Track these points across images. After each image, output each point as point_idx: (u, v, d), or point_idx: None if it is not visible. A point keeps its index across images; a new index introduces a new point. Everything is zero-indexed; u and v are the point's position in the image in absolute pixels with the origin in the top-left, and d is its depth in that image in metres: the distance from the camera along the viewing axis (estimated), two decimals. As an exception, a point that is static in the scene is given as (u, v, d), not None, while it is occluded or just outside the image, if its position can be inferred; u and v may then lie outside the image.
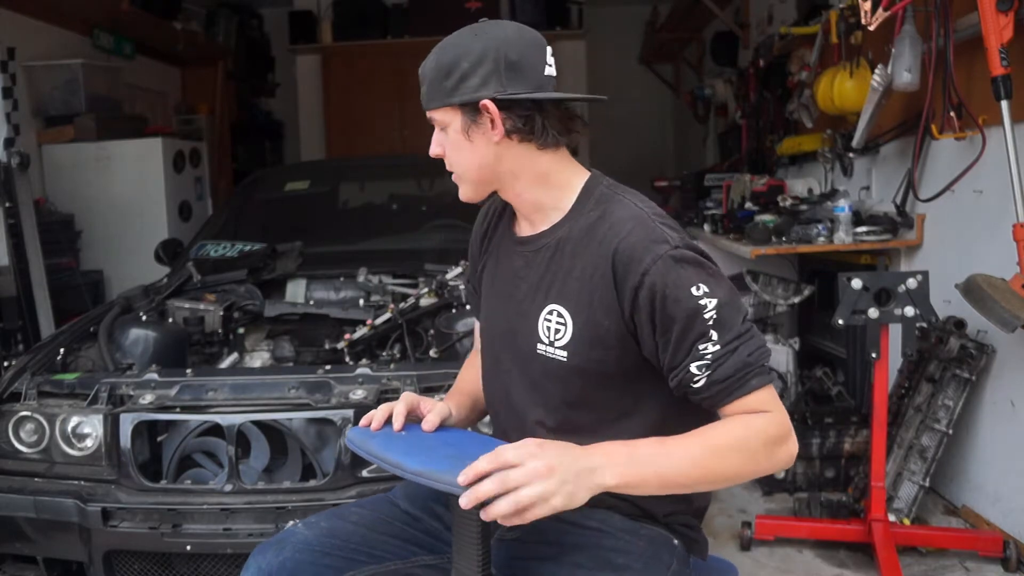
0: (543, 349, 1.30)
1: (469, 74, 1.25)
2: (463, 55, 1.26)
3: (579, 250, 1.27)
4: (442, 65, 1.28)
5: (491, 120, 1.27)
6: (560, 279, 1.29)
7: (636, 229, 1.22)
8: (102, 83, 4.81)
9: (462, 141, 1.30)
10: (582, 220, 1.29)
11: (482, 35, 1.27)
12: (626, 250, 1.20)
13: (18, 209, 3.61)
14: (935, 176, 3.05)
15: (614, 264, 1.21)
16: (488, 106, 1.26)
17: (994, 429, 2.83)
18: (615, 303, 1.22)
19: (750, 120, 5.23)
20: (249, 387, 2.25)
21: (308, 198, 3.78)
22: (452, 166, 1.34)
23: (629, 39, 7.79)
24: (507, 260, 1.40)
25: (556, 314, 1.28)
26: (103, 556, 2.14)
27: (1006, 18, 2.34)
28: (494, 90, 1.25)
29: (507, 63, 1.25)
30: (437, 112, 1.30)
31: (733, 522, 2.96)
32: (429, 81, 1.29)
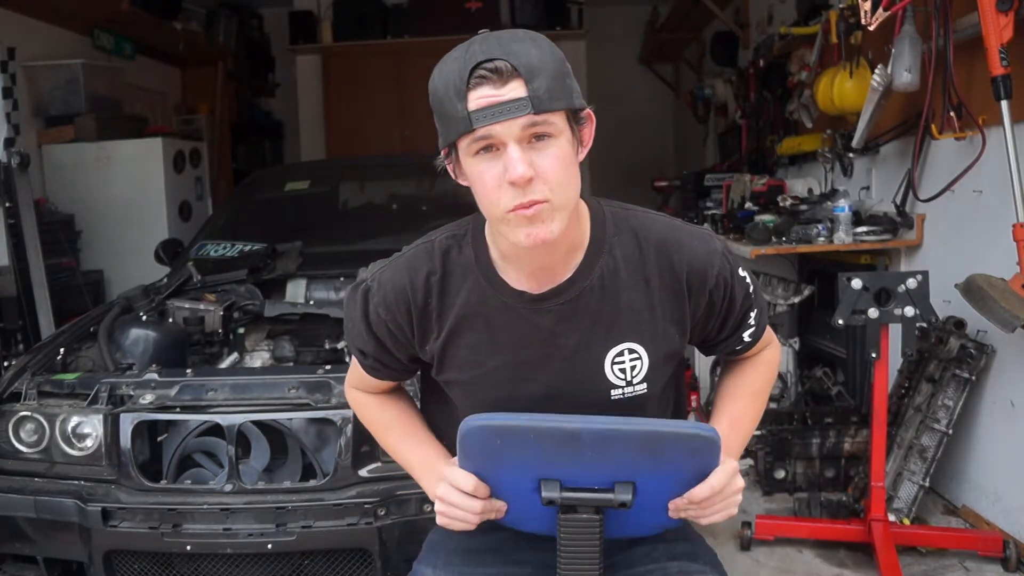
0: (621, 392, 1.20)
1: (572, 76, 1.08)
2: (559, 52, 1.07)
3: (629, 279, 1.18)
4: (558, 59, 1.05)
5: (585, 136, 1.11)
6: (621, 316, 1.18)
7: (688, 240, 1.20)
8: (102, 83, 4.81)
9: (572, 158, 1.07)
10: (616, 249, 1.18)
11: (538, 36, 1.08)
12: (695, 262, 1.18)
13: (18, 209, 3.61)
14: (935, 176, 3.05)
15: (688, 281, 1.19)
16: (592, 117, 1.11)
17: (994, 429, 2.83)
18: (685, 313, 1.20)
19: (750, 120, 5.23)
20: (249, 387, 2.25)
21: (308, 198, 3.78)
22: (554, 191, 1.05)
23: (629, 39, 7.79)
24: (517, 323, 1.18)
25: (628, 351, 1.18)
26: (103, 556, 2.14)
27: (1006, 18, 2.34)
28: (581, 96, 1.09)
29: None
30: (556, 115, 1.04)
31: (733, 522, 2.96)
32: (552, 74, 1.03)
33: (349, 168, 4.36)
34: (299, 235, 3.19)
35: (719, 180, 4.87)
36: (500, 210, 1.06)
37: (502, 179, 1.04)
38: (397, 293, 1.20)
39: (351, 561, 2.15)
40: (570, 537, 1.12)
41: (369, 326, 1.24)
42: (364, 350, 1.28)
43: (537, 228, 1.06)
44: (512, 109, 1.01)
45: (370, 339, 1.25)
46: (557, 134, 1.05)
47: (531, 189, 1.04)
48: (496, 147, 1.04)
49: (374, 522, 2.08)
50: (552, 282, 1.17)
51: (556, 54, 1.06)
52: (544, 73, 1.03)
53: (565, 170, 1.06)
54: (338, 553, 2.15)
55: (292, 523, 2.09)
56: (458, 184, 1.15)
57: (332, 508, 2.10)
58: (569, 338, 1.17)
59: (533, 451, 1.08)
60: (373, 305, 1.22)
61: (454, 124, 1.05)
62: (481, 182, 1.07)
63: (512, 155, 1.03)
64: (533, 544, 1.27)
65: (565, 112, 1.06)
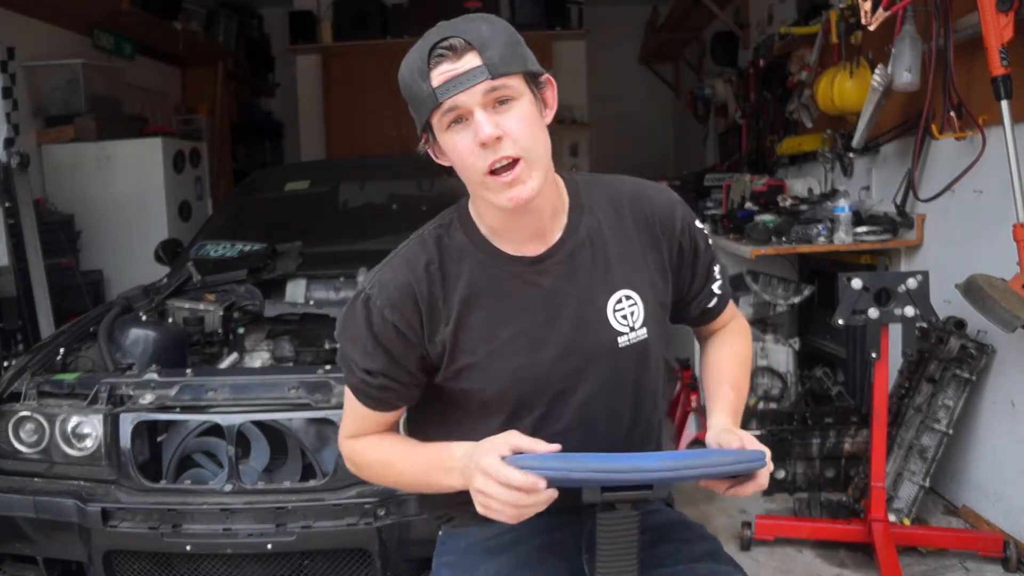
0: (627, 339, 1.26)
1: (525, 45, 1.17)
2: (509, 27, 1.17)
3: (614, 233, 1.27)
4: (508, 32, 1.16)
5: (548, 99, 1.19)
6: (613, 267, 1.26)
7: (651, 191, 1.33)
8: (102, 83, 4.81)
9: (536, 117, 1.16)
10: (595, 207, 1.28)
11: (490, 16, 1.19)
12: (662, 211, 1.30)
13: (18, 209, 3.61)
14: (935, 176, 3.05)
15: (661, 229, 1.29)
16: (552, 81, 1.19)
17: (994, 429, 2.83)
18: (663, 259, 1.30)
19: (750, 120, 5.23)
20: (249, 387, 2.25)
21: (308, 198, 3.78)
22: (524, 147, 1.13)
23: (629, 39, 7.79)
24: (522, 289, 1.23)
25: (626, 298, 1.26)
26: (103, 556, 2.14)
27: (1006, 18, 2.34)
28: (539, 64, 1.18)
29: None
30: (513, 79, 1.13)
31: (733, 522, 2.96)
32: (503, 43, 1.13)
33: (349, 168, 4.36)
34: (299, 235, 3.19)
35: (719, 180, 4.87)
36: (478, 173, 1.14)
37: (474, 144, 1.13)
38: (401, 290, 1.21)
39: (351, 561, 2.15)
40: (609, 535, 1.12)
41: (375, 336, 1.22)
42: (371, 369, 1.23)
43: (517, 189, 1.14)
44: (470, 77, 1.11)
45: (377, 351, 1.22)
46: (518, 96, 1.14)
47: (501, 147, 1.12)
48: (464, 117, 1.13)
49: (374, 522, 2.08)
50: (545, 244, 1.24)
51: (507, 28, 1.16)
52: (496, 43, 1.13)
53: (531, 128, 1.14)
54: (338, 553, 2.15)
55: (292, 523, 2.09)
56: (457, 183, 1.22)
57: (332, 508, 2.10)
58: (571, 295, 1.24)
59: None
60: (377, 309, 1.21)
61: (423, 103, 1.14)
62: (457, 151, 1.15)
63: (478, 119, 1.12)
64: (555, 549, 1.28)
65: (522, 76, 1.14)
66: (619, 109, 7.89)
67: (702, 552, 1.29)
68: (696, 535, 1.33)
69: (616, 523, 1.11)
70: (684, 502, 2.91)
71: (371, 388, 1.25)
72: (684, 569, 1.25)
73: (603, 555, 1.12)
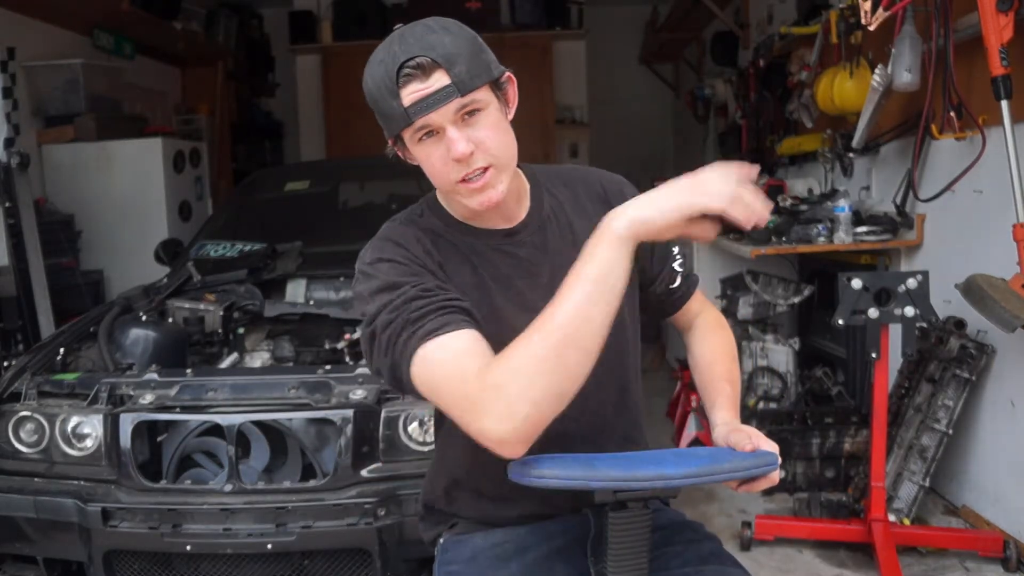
0: None
1: (488, 49, 1.20)
2: (469, 32, 1.18)
3: (574, 210, 1.33)
4: (471, 40, 1.17)
5: (510, 97, 1.22)
6: (578, 238, 1.23)
7: (598, 172, 1.40)
8: (102, 83, 4.81)
9: (503, 121, 1.20)
10: (553, 189, 1.34)
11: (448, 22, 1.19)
12: (612, 187, 1.37)
13: (18, 209, 3.61)
14: (935, 176, 3.05)
15: (611, 199, 1.31)
16: (512, 78, 1.23)
17: (994, 429, 2.83)
18: None
19: (750, 120, 5.23)
20: (249, 387, 2.25)
21: (308, 198, 3.78)
22: (495, 155, 1.17)
23: (629, 39, 7.79)
24: (500, 259, 1.27)
25: None
26: (103, 556, 2.14)
27: (1006, 18, 2.34)
28: (498, 62, 1.21)
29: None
30: (480, 91, 1.15)
31: (733, 522, 2.96)
32: (467, 58, 1.14)
33: (349, 168, 4.36)
34: (299, 235, 3.19)
35: (719, 180, 4.86)
36: (450, 183, 1.19)
37: (447, 158, 1.16)
38: (410, 242, 1.23)
39: (351, 561, 2.15)
40: (621, 534, 1.12)
41: (405, 264, 1.19)
42: (427, 287, 1.15)
43: (487, 194, 1.18)
44: (441, 97, 1.12)
45: (421, 277, 1.17)
46: (485, 106, 1.16)
47: (473, 160, 1.16)
48: (436, 131, 1.15)
49: (374, 522, 2.08)
50: (515, 220, 1.30)
51: (468, 35, 1.17)
52: (461, 57, 1.13)
53: (500, 135, 1.18)
54: (338, 553, 2.15)
55: (292, 523, 2.09)
56: None
57: (332, 508, 2.10)
58: (545, 264, 1.28)
59: None
60: (391, 249, 1.22)
61: (395, 120, 1.16)
62: (430, 163, 1.19)
63: (451, 136, 1.14)
64: (563, 555, 1.28)
65: (488, 85, 1.17)
66: (619, 109, 7.89)
67: (708, 553, 1.29)
68: (700, 535, 1.34)
69: (628, 522, 1.12)
70: (684, 502, 2.91)
71: (442, 302, 1.12)
72: (693, 571, 1.25)
73: (614, 555, 1.13)
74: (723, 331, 1.46)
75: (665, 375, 4.29)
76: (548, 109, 6.64)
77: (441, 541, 1.37)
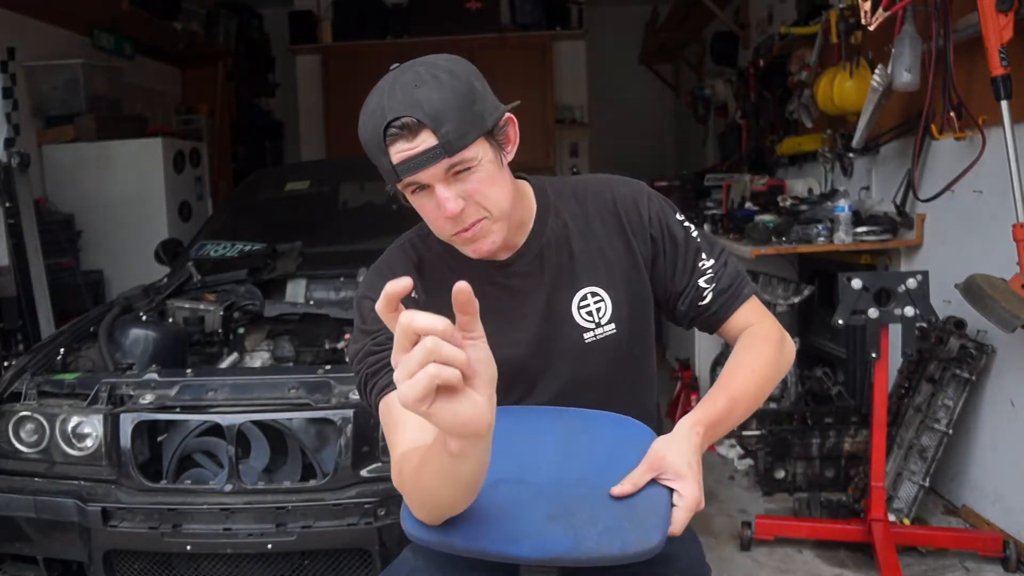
0: (593, 335, 1.27)
1: (485, 93, 1.15)
2: (466, 75, 1.13)
3: (577, 232, 1.29)
4: (462, 92, 1.11)
5: (509, 137, 1.19)
6: (577, 264, 1.28)
7: (615, 182, 1.34)
8: (102, 83, 4.81)
9: (497, 172, 1.16)
10: (561, 210, 1.30)
11: (448, 61, 1.15)
12: (627, 203, 1.31)
13: (18, 209, 3.60)
14: (935, 176, 3.05)
15: (628, 221, 1.29)
16: (513, 119, 1.20)
17: (994, 429, 2.83)
18: (636, 253, 1.30)
19: (750, 120, 5.23)
20: (249, 387, 2.25)
21: (308, 198, 3.77)
22: (490, 208, 1.16)
23: (629, 39, 7.78)
24: (492, 291, 1.25)
25: (591, 295, 1.28)
26: (103, 556, 2.14)
27: (1006, 18, 2.34)
28: (496, 103, 1.17)
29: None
30: (470, 149, 1.11)
31: (733, 522, 2.96)
32: (457, 112, 1.09)
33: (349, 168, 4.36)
34: (299, 235, 3.19)
35: (719, 180, 4.87)
36: (446, 235, 1.20)
37: (439, 213, 1.15)
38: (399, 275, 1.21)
39: (351, 561, 2.15)
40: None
41: (373, 320, 1.17)
42: (382, 331, 1.17)
43: (479, 243, 1.19)
44: (427, 159, 1.10)
45: (380, 323, 1.16)
46: (476, 163, 1.13)
47: (466, 215, 1.15)
48: (427, 186, 1.14)
49: (374, 522, 2.08)
50: (513, 249, 1.28)
51: (459, 87, 1.11)
52: (448, 115, 1.09)
53: (494, 186, 1.16)
54: (338, 553, 2.15)
55: (292, 523, 2.09)
56: None
57: (332, 508, 2.10)
58: (539, 294, 1.28)
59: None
60: (370, 300, 1.20)
61: (387, 174, 1.15)
62: (424, 213, 1.20)
63: (441, 195, 1.13)
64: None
65: (481, 138, 1.13)
66: (619, 109, 7.88)
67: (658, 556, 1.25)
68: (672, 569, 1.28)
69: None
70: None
71: (388, 348, 1.16)
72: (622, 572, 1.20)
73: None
74: (763, 345, 1.30)
75: (665, 375, 4.29)
76: (548, 109, 6.65)
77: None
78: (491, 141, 1.16)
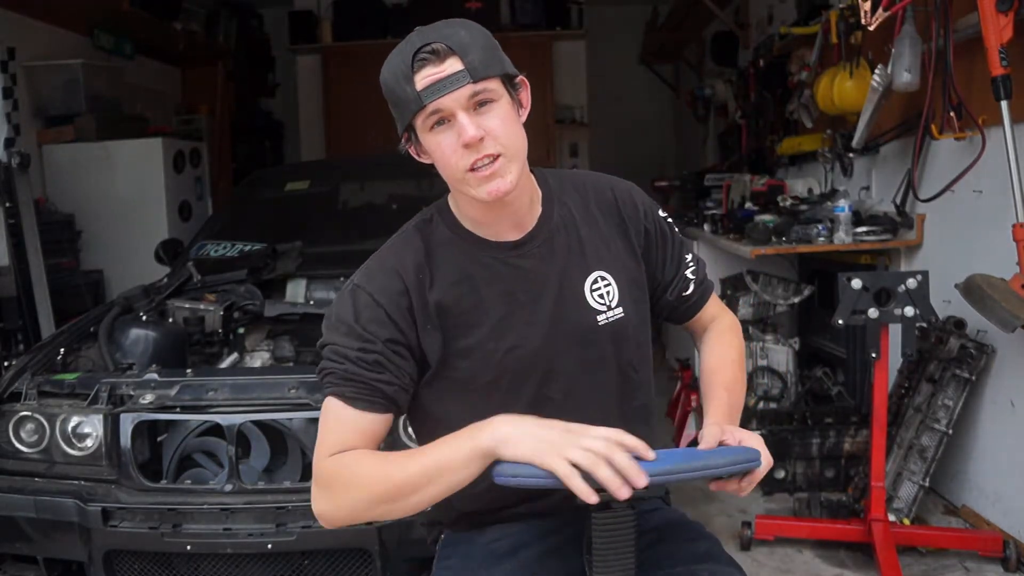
0: (605, 317, 1.30)
1: (501, 50, 1.22)
2: (486, 31, 1.21)
3: (584, 219, 1.33)
4: (486, 36, 1.20)
5: (523, 99, 1.24)
6: (586, 249, 1.31)
7: (610, 178, 1.41)
8: (102, 83, 4.81)
9: (515, 117, 1.22)
10: (564, 197, 1.34)
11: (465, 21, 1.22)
12: (624, 197, 1.37)
13: (18, 209, 3.61)
14: (935, 176, 3.05)
15: (625, 213, 1.35)
16: (526, 82, 1.25)
17: (994, 429, 2.83)
18: (631, 243, 1.35)
19: (750, 120, 5.23)
20: (249, 387, 2.25)
21: (308, 198, 3.77)
22: (505, 145, 1.18)
23: (629, 39, 7.79)
24: (505, 272, 1.27)
25: (600, 278, 1.31)
26: (103, 556, 2.14)
27: (1006, 18, 2.34)
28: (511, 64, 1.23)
29: None
30: (492, 82, 1.17)
31: (733, 522, 2.96)
32: (482, 48, 1.17)
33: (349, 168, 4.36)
34: (299, 235, 3.19)
35: (719, 180, 4.87)
36: (460, 171, 1.19)
37: (457, 144, 1.17)
38: (390, 276, 1.24)
39: (351, 561, 2.15)
40: (605, 535, 1.11)
41: (368, 320, 1.22)
42: (365, 347, 1.20)
43: (496, 183, 1.18)
44: (454, 81, 1.15)
45: (368, 335, 1.21)
46: (497, 98, 1.18)
47: (483, 146, 1.17)
48: (447, 119, 1.17)
49: (374, 522, 2.08)
50: (524, 230, 1.29)
51: (485, 33, 1.20)
52: (475, 47, 1.16)
53: (511, 127, 1.19)
54: (338, 553, 2.15)
55: (292, 523, 2.09)
56: None
57: (332, 508, 2.10)
58: (552, 276, 1.29)
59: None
60: (367, 296, 1.23)
61: (407, 105, 1.18)
62: (440, 151, 1.19)
63: (462, 121, 1.16)
64: (558, 552, 1.28)
65: (500, 79, 1.19)
66: (619, 109, 7.89)
67: (703, 552, 1.29)
68: (696, 534, 1.34)
69: (612, 523, 1.10)
70: (684, 501, 2.91)
71: (365, 367, 1.20)
72: (684, 570, 1.25)
73: (599, 555, 1.11)
74: (732, 336, 1.45)
75: (665, 375, 4.29)
76: (548, 109, 6.64)
77: (442, 537, 1.39)
78: (509, 89, 1.21)
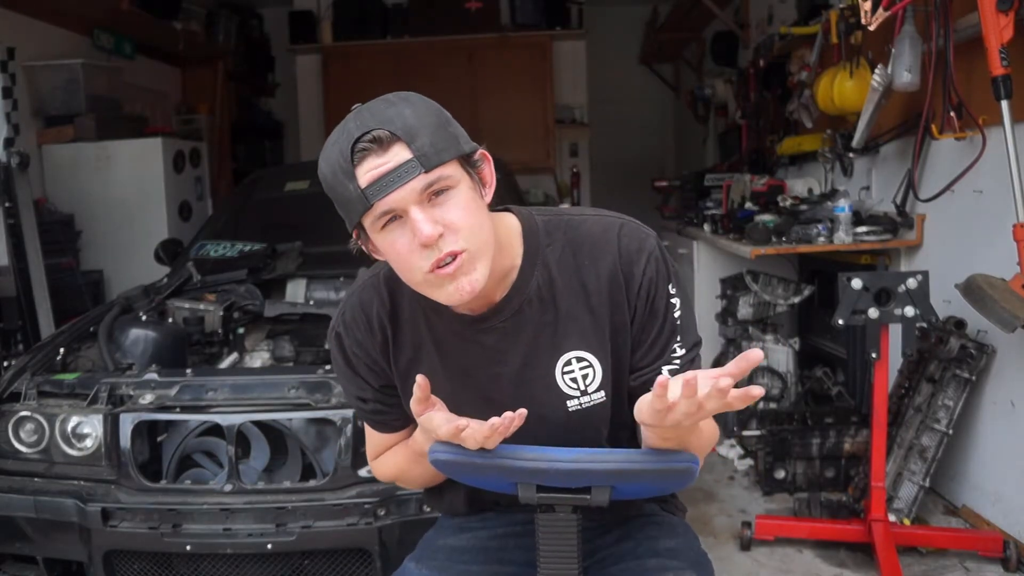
0: (577, 403, 1.17)
1: (457, 124, 1.08)
2: (434, 104, 1.07)
3: (566, 288, 1.16)
4: (435, 111, 1.06)
5: (485, 177, 1.10)
6: (562, 325, 1.16)
7: (622, 235, 1.16)
8: (102, 83, 4.81)
9: (477, 203, 1.06)
10: (550, 259, 1.16)
11: (410, 95, 1.08)
12: (627, 254, 1.15)
13: (18, 209, 3.61)
14: (935, 176, 3.05)
15: (622, 276, 1.15)
16: (487, 156, 1.10)
17: (994, 429, 2.83)
18: (625, 315, 1.16)
19: (750, 120, 5.23)
20: (249, 387, 2.25)
21: (308, 198, 3.77)
22: (469, 239, 1.04)
23: (629, 39, 7.79)
24: (462, 348, 1.18)
25: (577, 360, 1.16)
26: (103, 556, 2.14)
27: (1006, 18, 2.34)
28: (469, 138, 1.09)
29: None
30: (448, 167, 1.03)
31: (733, 522, 2.96)
32: (431, 128, 1.03)
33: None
34: (299, 235, 3.19)
35: (719, 180, 4.86)
36: (420, 274, 1.06)
37: (413, 244, 1.03)
38: (363, 329, 1.22)
39: (351, 561, 2.15)
40: (549, 536, 1.12)
41: (353, 369, 1.25)
42: (361, 396, 1.26)
43: (461, 282, 1.05)
44: (402, 174, 1.01)
45: (359, 380, 1.25)
46: (455, 184, 1.04)
47: (443, 244, 1.03)
48: (400, 215, 1.04)
49: (374, 522, 2.08)
50: (491, 302, 1.16)
51: (431, 107, 1.06)
52: (423, 129, 1.02)
53: (473, 216, 1.05)
54: (338, 553, 2.15)
55: (292, 523, 2.09)
56: None
57: (332, 508, 2.10)
58: (515, 354, 1.16)
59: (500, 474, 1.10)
60: (348, 347, 1.24)
61: (352, 205, 1.05)
62: (395, 251, 1.06)
63: (415, 218, 1.02)
64: (520, 544, 1.28)
65: (457, 160, 1.05)
66: (619, 109, 7.88)
67: (663, 549, 1.25)
68: (668, 532, 1.29)
69: (553, 525, 1.11)
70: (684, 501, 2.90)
71: (367, 413, 1.29)
72: (635, 564, 1.23)
73: (543, 555, 1.13)
74: (708, 427, 1.18)
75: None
76: (548, 109, 6.65)
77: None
78: (468, 170, 1.07)
